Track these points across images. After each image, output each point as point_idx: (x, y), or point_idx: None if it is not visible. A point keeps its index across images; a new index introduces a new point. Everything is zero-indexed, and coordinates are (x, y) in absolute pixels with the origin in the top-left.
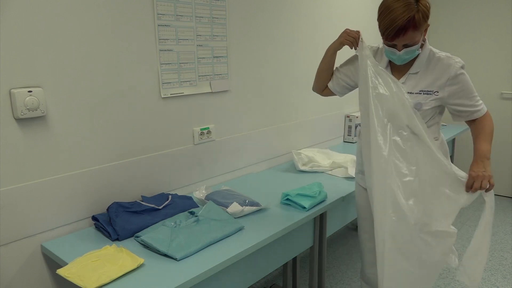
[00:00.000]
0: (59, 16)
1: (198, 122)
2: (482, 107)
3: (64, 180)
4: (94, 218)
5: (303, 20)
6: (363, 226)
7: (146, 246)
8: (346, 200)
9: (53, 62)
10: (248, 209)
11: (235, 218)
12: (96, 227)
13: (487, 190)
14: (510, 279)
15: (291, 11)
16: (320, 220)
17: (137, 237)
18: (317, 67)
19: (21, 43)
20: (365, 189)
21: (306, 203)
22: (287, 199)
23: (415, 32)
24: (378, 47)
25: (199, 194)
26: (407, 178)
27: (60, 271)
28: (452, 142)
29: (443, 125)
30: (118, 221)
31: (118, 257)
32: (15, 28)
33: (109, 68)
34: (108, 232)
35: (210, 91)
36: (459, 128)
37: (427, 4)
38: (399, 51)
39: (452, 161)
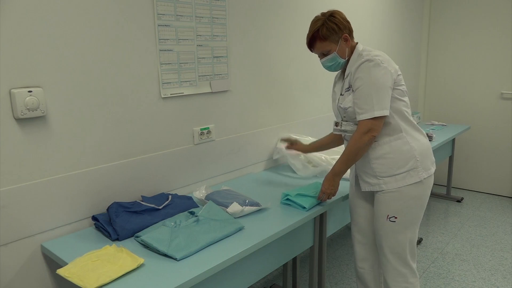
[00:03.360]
0: (59, 16)
1: (198, 122)
2: (362, 113)
3: (64, 180)
4: (94, 218)
5: (303, 20)
6: (353, 219)
7: (146, 246)
8: (346, 200)
9: (53, 62)
10: (248, 209)
11: (235, 218)
12: (96, 227)
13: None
14: (510, 279)
15: (291, 11)
16: (320, 220)
17: (137, 237)
18: (317, 67)
19: (21, 43)
20: (354, 184)
21: (306, 203)
22: (287, 199)
23: (323, 43)
24: None
25: (199, 194)
26: None
27: (60, 271)
28: (452, 142)
29: (443, 125)
30: (118, 221)
31: (118, 257)
32: (15, 28)
33: (109, 68)
34: (108, 232)
35: (210, 91)
36: (459, 128)
37: (338, 20)
38: (321, 59)
39: (452, 161)
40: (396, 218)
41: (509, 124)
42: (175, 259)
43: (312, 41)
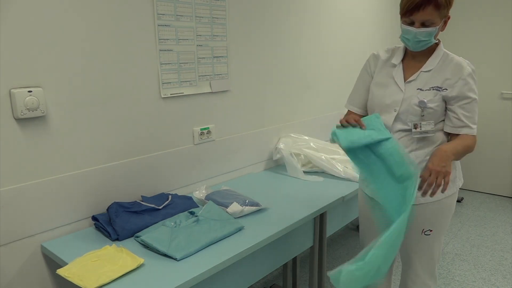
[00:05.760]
0: (59, 16)
1: (198, 122)
2: (474, 128)
3: (64, 180)
4: (94, 218)
5: (304, 19)
6: (366, 233)
7: (146, 246)
8: (346, 200)
9: (53, 62)
10: (248, 209)
11: (235, 218)
12: (96, 227)
13: (439, 189)
14: (510, 279)
15: (291, 10)
16: (320, 220)
17: (137, 237)
18: (317, 67)
19: (21, 43)
20: (370, 197)
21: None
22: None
23: (435, 11)
24: (394, 47)
25: (199, 194)
26: None
27: (60, 271)
28: None
29: None
30: (118, 221)
31: (118, 257)
32: (15, 28)
33: (109, 68)
34: (108, 232)
35: (210, 91)
36: None
37: None
38: (415, 27)
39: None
40: (431, 231)
41: (509, 124)
42: (175, 259)
43: (425, 3)
